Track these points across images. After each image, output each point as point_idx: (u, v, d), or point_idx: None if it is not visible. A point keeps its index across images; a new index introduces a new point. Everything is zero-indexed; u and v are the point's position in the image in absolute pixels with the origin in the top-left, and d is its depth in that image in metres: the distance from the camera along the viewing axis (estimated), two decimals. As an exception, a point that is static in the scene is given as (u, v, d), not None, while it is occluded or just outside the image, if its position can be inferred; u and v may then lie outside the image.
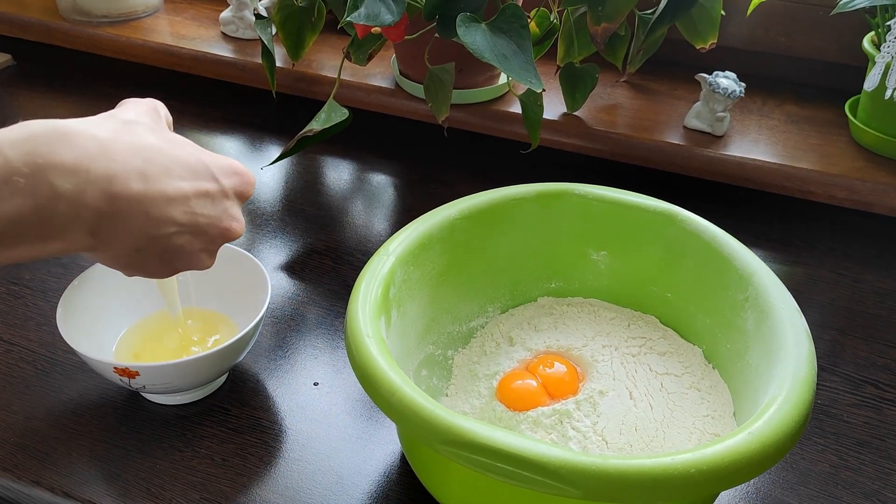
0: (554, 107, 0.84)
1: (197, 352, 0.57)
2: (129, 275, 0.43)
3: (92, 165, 0.37)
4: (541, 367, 0.55)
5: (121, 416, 0.58)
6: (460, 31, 0.65)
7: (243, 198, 0.44)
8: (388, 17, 0.66)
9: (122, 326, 0.61)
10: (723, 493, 0.53)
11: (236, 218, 0.44)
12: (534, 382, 0.54)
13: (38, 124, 0.37)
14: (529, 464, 0.40)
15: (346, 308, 0.50)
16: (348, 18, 0.65)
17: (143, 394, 0.59)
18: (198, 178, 0.41)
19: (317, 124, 0.75)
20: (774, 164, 0.78)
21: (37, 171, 0.35)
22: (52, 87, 1.00)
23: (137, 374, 0.53)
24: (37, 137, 0.36)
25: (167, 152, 0.40)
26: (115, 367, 0.52)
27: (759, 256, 0.54)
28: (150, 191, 0.39)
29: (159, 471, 0.54)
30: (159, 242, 0.41)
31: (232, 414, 0.58)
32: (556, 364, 0.55)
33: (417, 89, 0.85)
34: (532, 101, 0.77)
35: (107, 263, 0.42)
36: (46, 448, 0.55)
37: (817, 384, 0.61)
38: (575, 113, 0.84)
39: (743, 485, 0.54)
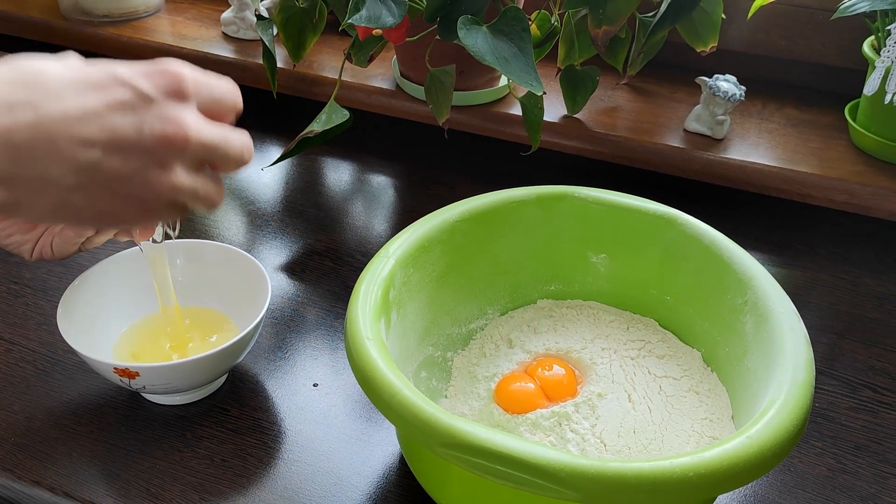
0: (554, 109, 0.84)
1: (195, 350, 0.58)
2: (100, 227, 0.39)
3: None
4: (539, 369, 0.55)
5: (121, 417, 0.58)
6: (461, 33, 0.65)
7: (181, 95, 0.38)
8: (389, 20, 0.66)
9: (121, 326, 0.61)
10: (721, 497, 0.54)
11: (174, 120, 0.37)
12: (531, 385, 0.54)
13: None
14: (528, 466, 0.40)
15: (345, 309, 0.50)
16: (349, 20, 0.65)
17: (143, 394, 0.59)
18: (105, 89, 0.35)
19: (317, 125, 0.75)
20: (774, 167, 0.78)
21: None
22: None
23: (138, 374, 0.53)
24: None
25: (64, 76, 0.35)
26: (115, 368, 0.53)
27: (758, 260, 0.54)
28: (44, 117, 0.34)
29: (159, 471, 0.54)
30: (91, 173, 0.35)
31: (231, 414, 0.58)
32: (555, 367, 0.55)
33: (418, 91, 0.85)
34: (532, 104, 0.77)
35: (54, 219, 0.38)
36: (47, 448, 0.55)
37: (816, 388, 0.61)
38: (575, 115, 0.84)
39: (741, 488, 0.54)
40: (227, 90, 0.42)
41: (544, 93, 0.69)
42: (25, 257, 0.53)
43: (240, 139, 0.42)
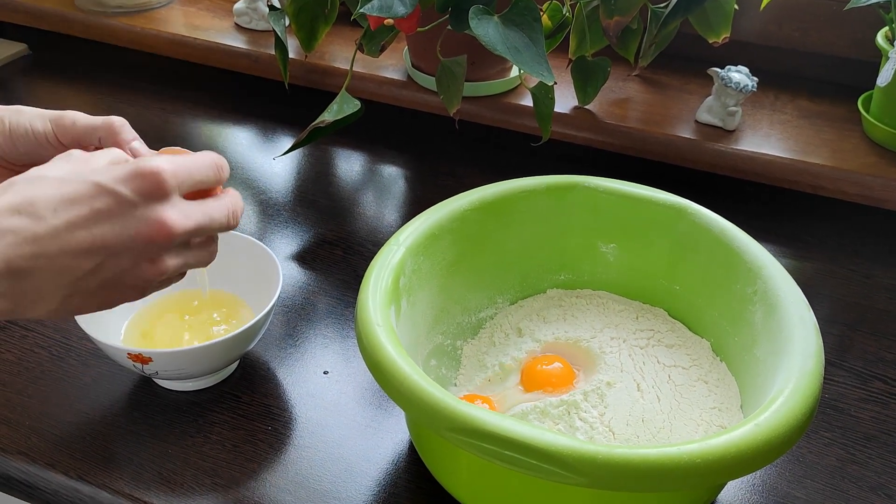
0: (565, 100, 0.84)
1: (214, 333, 0.58)
2: (91, 312, 0.42)
3: None
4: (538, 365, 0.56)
5: (134, 403, 0.59)
6: (472, 23, 0.65)
7: (160, 194, 0.39)
8: (400, 9, 0.66)
9: (132, 309, 0.62)
10: (730, 486, 0.54)
11: (156, 220, 0.39)
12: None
13: None
14: (536, 452, 0.40)
15: (356, 298, 0.50)
16: (361, 10, 0.66)
17: (155, 380, 0.59)
18: (89, 200, 0.38)
19: (329, 115, 0.75)
20: (786, 159, 0.78)
21: None
22: (67, 77, 1.01)
23: (150, 360, 0.53)
24: None
25: (52, 196, 0.37)
26: (128, 353, 0.53)
27: (769, 251, 0.54)
28: (37, 238, 0.37)
29: (171, 456, 0.55)
30: (85, 280, 0.38)
31: (243, 401, 0.59)
32: (555, 363, 0.56)
33: (429, 81, 0.85)
34: (543, 94, 0.77)
35: (48, 318, 0.40)
36: (60, 432, 0.56)
37: (825, 379, 0.61)
38: (586, 106, 0.84)
39: (750, 477, 0.54)
40: (209, 169, 0.43)
41: (555, 83, 0.69)
42: None
43: (223, 211, 0.43)
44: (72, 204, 0.37)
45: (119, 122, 0.46)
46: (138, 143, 0.46)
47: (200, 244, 0.44)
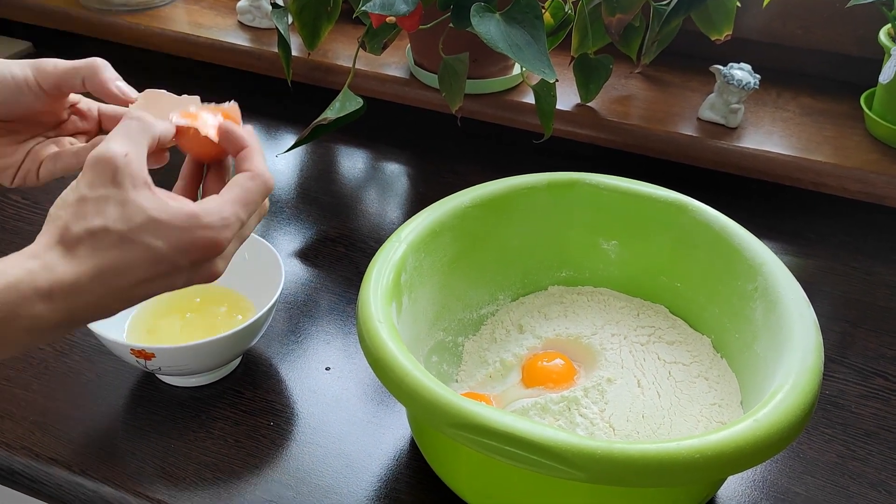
0: (568, 98, 0.84)
1: (210, 323, 0.58)
2: None
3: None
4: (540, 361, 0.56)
5: (137, 398, 0.59)
6: (474, 20, 0.65)
7: (207, 260, 0.41)
8: (402, 7, 0.67)
9: (135, 306, 0.62)
10: (731, 482, 0.54)
11: (204, 274, 0.42)
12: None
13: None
14: (536, 447, 0.40)
15: (358, 294, 0.51)
16: (363, 8, 0.66)
17: (158, 376, 0.60)
18: (147, 265, 0.39)
19: (331, 113, 0.75)
20: (788, 156, 0.78)
21: None
22: (72, 75, 1.01)
23: (154, 355, 0.54)
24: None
25: (116, 259, 0.39)
26: (132, 349, 0.53)
27: (771, 248, 0.54)
28: (105, 296, 0.39)
29: (174, 450, 0.55)
30: (124, 308, 0.41)
31: (245, 397, 0.59)
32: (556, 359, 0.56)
33: (432, 79, 0.85)
34: (545, 92, 0.77)
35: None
36: (64, 427, 0.56)
37: (826, 375, 0.62)
38: (589, 104, 0.84)
39: (750, 473, 0.55)
40: (257, 205, 0.43)
41: (556, 80, 0.69)
42: (6, 184, 0.50)
43: (257, 220, 0.45)
44: (133, 270, 0.39)
45: (101, 63, 0.46)
46: (122, 83, 0.47)
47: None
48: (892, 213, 0.77)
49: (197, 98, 0.52)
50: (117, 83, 0.47)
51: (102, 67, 0.47)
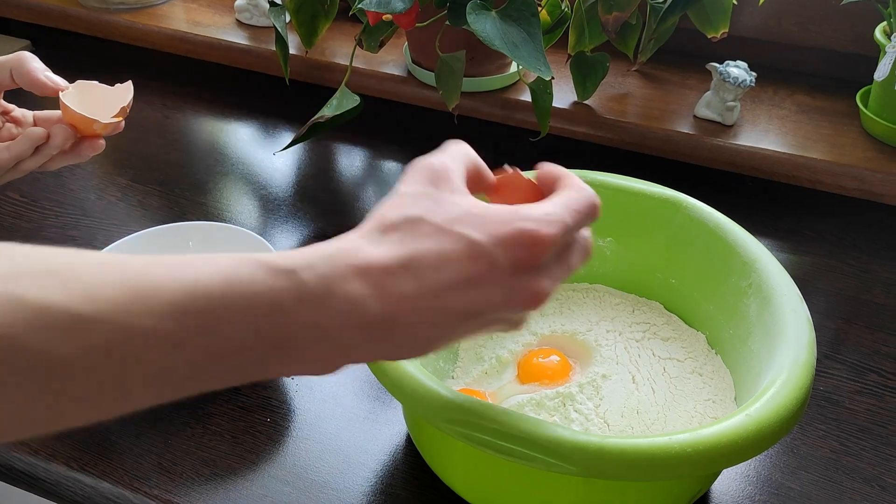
0: (565, 95, 0.85)
1: None
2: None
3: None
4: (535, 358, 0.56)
5: (134, 394, 0.59)
6: (470, 18, 0.65)
7: (530, 267, 0.36)
8: (399, 5, 0.67)
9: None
10: (725, 476, 0.54)
11: (528, 292, 0.36)
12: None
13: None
14: (530, 442, 0.40)
15: (353, 290, 0.51)
16: (360, 6, 0.66)
17: (156, 372, 0.60)
18: (463, 261, 0.35)
19: (328, 111, 0.76)
20: (784, 153, 0.78)
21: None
22: (69, 73, 1.01)
23: (150, 352, 0.54)
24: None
25: (428, 248, 0.35)
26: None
27: (767, 246, 0.55)
28: (420, 293, 0.35)
29: (171, 446, 0.55)
30: (444, 338, 0.36)
31: (242, 393, 0.59)
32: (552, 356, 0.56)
33: (429, 77, 0.85)
34: (542, 89, 0.77)
35: (406, 358, 0.38)
36: (62, 423, 0.57)
37: (821, 372, 0.62)
38: (585, 102, 0.84)
39: (744, 468, 0.55)
40: (589, 218, 0.38)
41: (553, 77, 0.69)
42: None
43: (581, 257, 0.39)
44: (448, 264, 0.35)
45: (28, 55, 0.46)
46: (50, 73, 0.47)
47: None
48: (888, 211, 0.77)
49: (129, 85, 0.54)
50: (45, 73, 0.47)
51: (29, 59, 0.47)
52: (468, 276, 0.35)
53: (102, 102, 0.55)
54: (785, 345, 0.47)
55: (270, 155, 0.86)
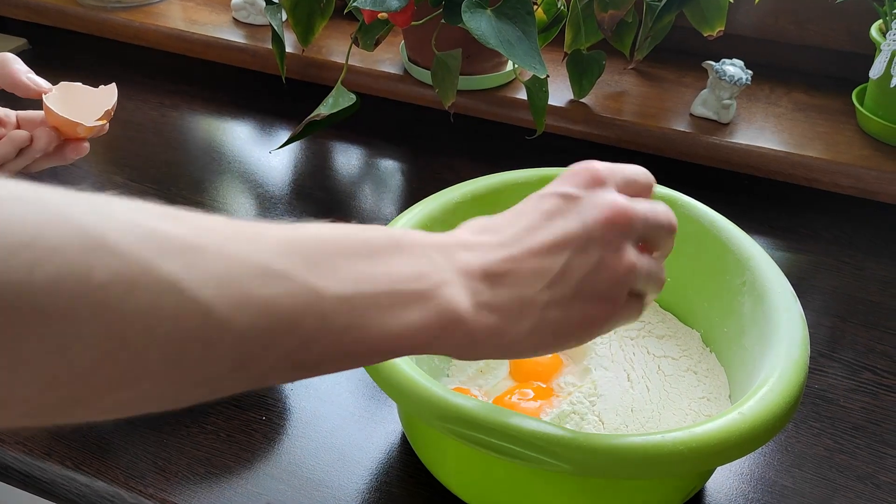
0: (561, 94, 0.85)
1: None
2: (568, 345, 0.38)
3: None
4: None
5: (130, 392, 0.59)
6: (466, 16, 0.65)
7: (599, 183, 0.38)
8: (394, 3, 0.67)
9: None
10: (719, 474, 0.54)
11: (606, 203, 0.37)
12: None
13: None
14: (523, 440, 0.40)
15: (348, 288, 0.51)
16: (355, 4, 0.66)
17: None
18: (533, 208, 0.38)
19: (324, 109, 0.76)
20: (781, 151, 0.79)
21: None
22: (67, 71, 1.02)
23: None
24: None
25: (495, 217, 0.38)
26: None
27: (763, 244, 0.55)
28: (502, 245, 0.37)
29: (166, 445, 0.55)
30: (560, 286, 0.36)
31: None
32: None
33: (425, 75, 0.85)
34: (537, 88, 0.77)
35: (530, 344, 0.37)
36: (57, 422, 0.57)
37: (815, 370, 0.62)
38: (582, 100, 0.84)
39: (738, 466, 0.55)
40: (639, 170, 0.41)
41: (548, 76, 0.69)
42: None
43: (663, 209, 0.40)
44: (521, 215, 0.38)
45: (10, 56, 0.46)
46: (33, 75, 0.47)
47: (651, 258, 0.40)
48: (884, 209, 0.77)
49: (113, 87, 0.53)
50: (28, 75, 0.47)
51: (11, 60, 0.47)
52: (545, 213, 0.37)
53: (86, 104, 0.55)
54: (778, 342, 0.47)
55: (267, 153, 0.86)
